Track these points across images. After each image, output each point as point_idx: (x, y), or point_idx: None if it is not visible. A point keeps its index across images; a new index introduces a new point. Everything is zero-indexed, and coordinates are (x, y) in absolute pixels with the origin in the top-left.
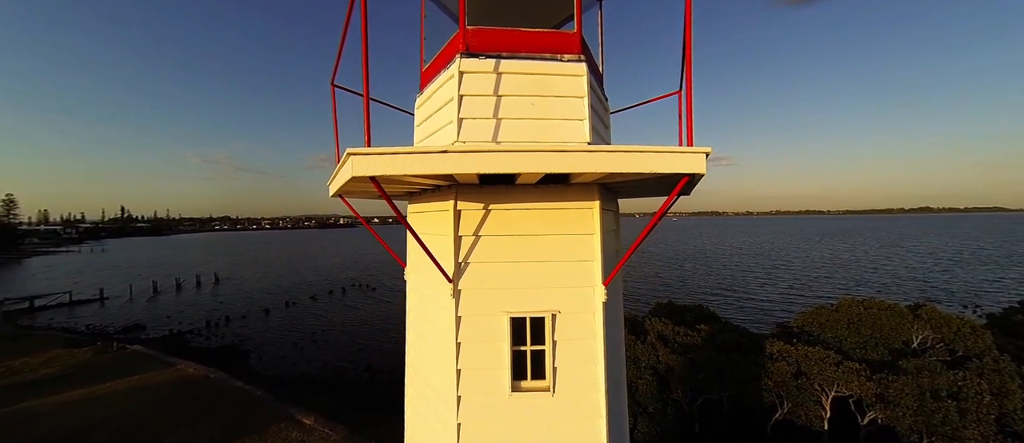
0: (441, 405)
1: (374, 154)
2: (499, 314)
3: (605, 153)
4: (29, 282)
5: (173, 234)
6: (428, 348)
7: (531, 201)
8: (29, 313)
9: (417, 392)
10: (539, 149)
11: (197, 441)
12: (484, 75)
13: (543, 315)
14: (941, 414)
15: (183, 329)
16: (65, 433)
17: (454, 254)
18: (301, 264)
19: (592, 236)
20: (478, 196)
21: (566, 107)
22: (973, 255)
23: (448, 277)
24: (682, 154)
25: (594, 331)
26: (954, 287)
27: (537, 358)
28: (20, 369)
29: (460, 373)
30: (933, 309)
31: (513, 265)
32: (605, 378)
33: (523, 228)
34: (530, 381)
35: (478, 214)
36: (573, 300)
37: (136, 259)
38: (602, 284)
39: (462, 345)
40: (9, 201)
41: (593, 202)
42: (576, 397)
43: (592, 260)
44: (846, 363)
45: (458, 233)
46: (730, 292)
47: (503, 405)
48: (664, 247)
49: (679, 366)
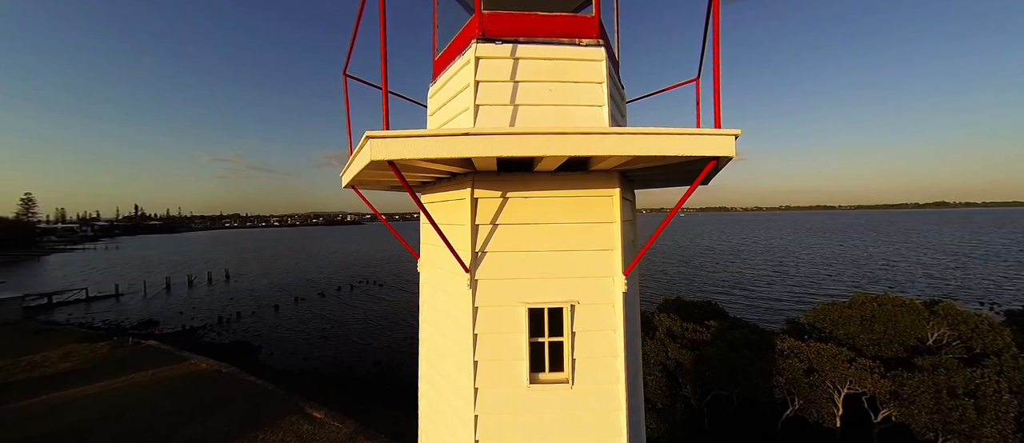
0: (457, 398)
1: (393, 137)
2: (517, 305)
3: (630, 135)
4: (47, 278)
5: (185, 232)
6: (443, 340)
7: (550, 189)
8: (48, 309)
9: (431, 385)
10: (562, 131)
11: (211, 434)
12: (501, 60)
13: (561, 306)
14: (958, 412)
15: (195, 325)
16: (84, 424)
17: (471, 243)
18: (309, 261)
19: (612, 224)
20: (495, 184)
21: (585, 93)
22: (991, 250)
23: (465, 267)
24: (711, 136)
25: (614, 322)
26: (971, 284)
27: (555, 350)
28: (40, 363)
29: (477, 365)
30: (950, 305)
31: (531, 255)
32: (625, 370)
33: (541, 216)
34: (548, 373)
35: (495, 202)
36: (592, 290)
37: (149, 256)
38: (622, 274)
39: (479, 336)
40: (28, 200)
41: (613, 189)
42: (595, 389)
43: (612, 249)
44: (859, 360)
45: (475, 222)
46: (739, 289)
47: (521, 397)
48: (672, 243)
49: (688, 362)
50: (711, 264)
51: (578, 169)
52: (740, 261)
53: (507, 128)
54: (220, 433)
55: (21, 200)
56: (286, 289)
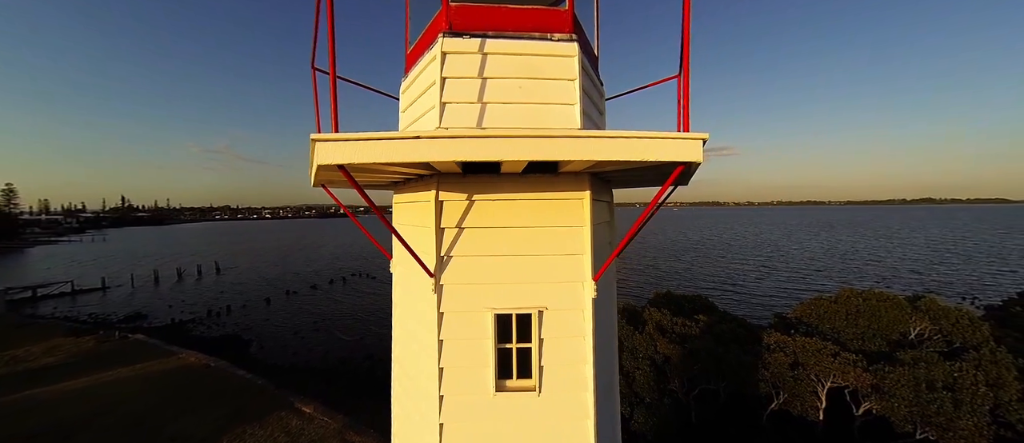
0: (424, 403)
1: (340, 140)
2: (483, 310)
3: (594, 139)
4: (31, 271)
5: (174, 224)
6: (413, 343)
7: (518, 191)
8: (32, 302)
9: (403, 389)
10: (521, 134)
11: (199, 428)
12: (468, 56)
13: (529, 311)
14: (936, 405)
15: (185, 318)
16: (70, 419)
17: (436, 247)
18: (301, 253)
19: (582, 228)
20: (461, 186)
21: (556, 90)
22: (974, 247)
23: (429, 271)
24: (677, 140)
25: (583, 329)
26: (953, 279)
27: (523, 356)
28: (24, 357)
29: (442, 371)
30: (932, 300)
31: (498, 259)
32: (594, 378)
33: (509, 220)
34: (515, 380)
35: (461, 205)
36: (561, 296)
37: (137, 249)
38: (592, 279)
39: (444, 342)
40: (9, 191)
41: (583, 192)
42: (563, 397)
43: (582, 254)
44: (843, 354)
45: (440, 225)
46: (729, 284)
47: (487, 405)
48: (663, 238)
49: (677, 356)
50: (701, 259)
51: (547, 171)
52: (731, 256)
53: (464, 130)
54: (209, 428)
55: (2, 191)
56: (277, 282)
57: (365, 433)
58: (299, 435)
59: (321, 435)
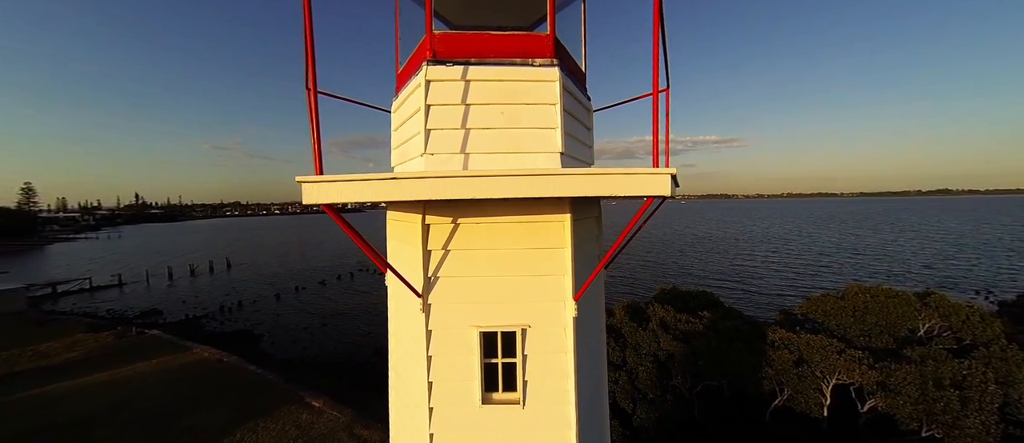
0: (417, 413)
1: (325, 182)
2: (469, 328)
3: (568, 177)
4: (51, 268)
5: (186, 220)
6: (407, 355)
7: (501, 215)
8: (52, 298)
9: (398, 396)
10: (499, 173)
11: (214, 421)
12: (451, 83)
13: (513, 329)
14: (942, 403)
15: (198, 314)
16: (92, 412)
17: (423, 268)
18: (310, 249)
19: (562, 250)
20: (447, 211)
21: (538, 115)
22: (991, 240)
23: (417, 292)
24: (647, 176)
25: (565, 345)
26: (969, 274)
27: (508, 370)
28: (46, 353)
29: (432, 385)
30: (941, 297)
31: (483, 279)
32: (575, 391)
33: (493, 242)
34: (501, 393)
35: (447, 228)
36: (543, 314)
37: (151, 245)
38: (572, 298)
39: (433, 358)
40: (28, 189)
41: (564, 216)
42: (546, 409)
43: (563, 274)
44: (849, 351)
45: (427, 247)
46: (735, 280)
47: (474, 416)
48: (669, 232)
49: (680, 353)
50: (707, 254)
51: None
52: (737, 251)
53: (444, 171)
54: (222, 422)
55: (21, 190)
56: (287, 277)
57: (373, 427)
58: (309, 429)
59: (330, 429)
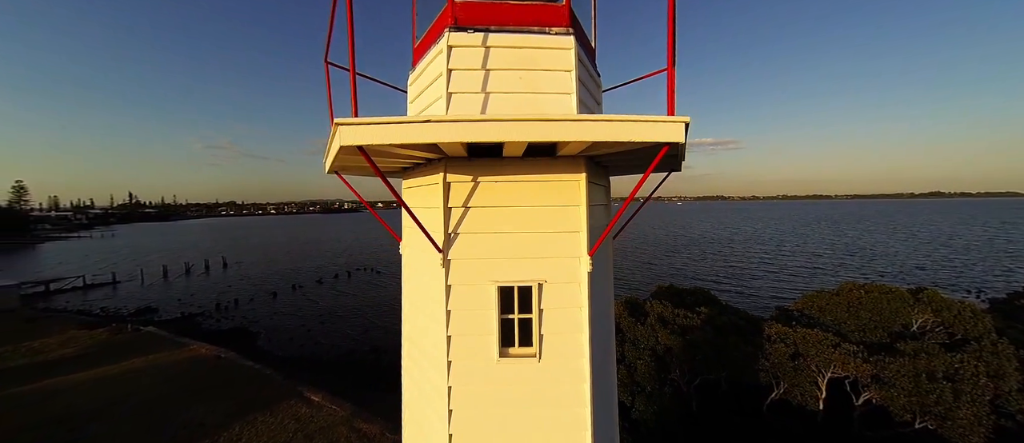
0: (433, 370)
1: (361, 124)
2: (487, 283)
3: (585, 122)
4: (44, 266)
5: (180, 219)
6: (421, 317)
7: (519, 173)
8: (45, 296)
9: (412, 361)
10: (520, 118)
11: (211, 416)
12: (472, 49)
13: (530, 284)
14: (935, 395)
15: (194, 311)
16: (87, 407)
17: (444, 225)
18: (306, 248)
19: (578, 207)
20: (467, 169)
21: (553, 81)
22: (983, 241)
23: (438, 247)
24: (662, 123)
25: (580, 300)
26: (961, 275)
27: (524, 325)
28: (40, 349)
29: (450, 339)
30: (934, 293)
31: (501, 235)
32: (590, 345)
33: (511, 199)
34: (517, 348)
35: (467, 186)
36: (560, 270)
37: (145, 244)
38: (587, 254)
39: (452, 313)
40: (20, 187)
41: (579, 174)
42: (561, 363)
43: (578, 231)
44: (843, 345)
45: (448, 204)
46: (731, 279)
47: (491, 370)
48: (664, 234)
49: (678, 347)
50: (703, 255)
51: (545, 155)
52: (732, 252)
53: (470, 115)
54: (220, 416)
55: (12, 188)
56: (283, 276)
57: (372, 421)
58: (309, 422)
59: (330, 422)
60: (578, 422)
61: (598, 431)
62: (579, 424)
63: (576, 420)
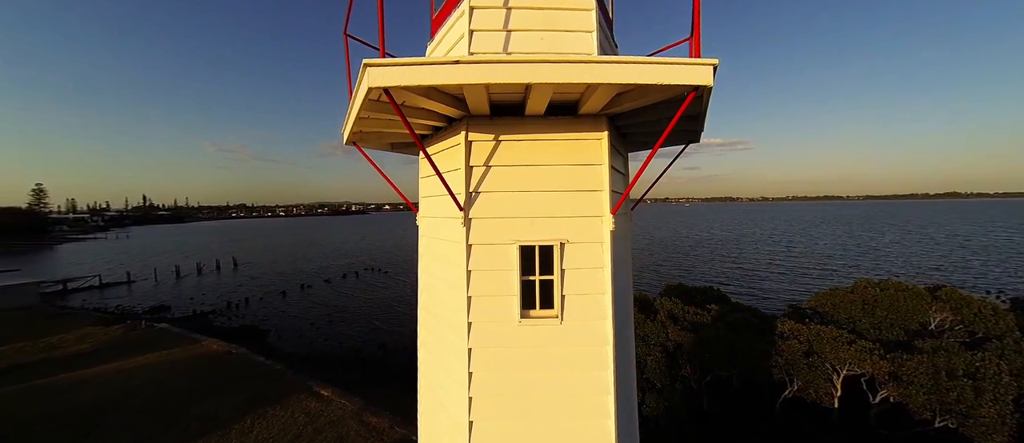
0: (452, 335)
1: (389, 65)
2: (509, 242)
3: (611, 63)
4: (61, 266)
5: (192, 222)
6: (439, 285)
7: (541, 132)
8: (63, 294)
9: (429, 331)
10: (549, 59)
11: (223, 409)
12: (494, 10)
13: (552, 244)
14: (956, 393)
15: (205, 310)
16: (103, 400)
17: (465, 184)
18: (315, 249)
19: (601, 166)
20: (488, 127)
21: (575, 42)
22: (1002, 243)
23: (459, 205)
24: (689, 65)
25: (602, 260)
26: (981, 275)
27: (545, 287)
28: (58, 344)
29: (470, 300)
30: (953, 290)
31: (523, 195)
32: (612, 307)
33: (533, 158)
34: (539, 310)
35: (488, 145)
36: (581, 229)
37: (159, 245)
38: (610, 213)
39: (472, 273)
40: (39, 191)
41: (602, 133)
42: (583, 325)
43: (600, 190)
44: (859, 342)
45: (469, 163)
46: (741, 280)
47: (512, 332)
48: (673, 235)
49: (688, 343)
50: (713, 255)
51: (567, 113)
52: (740, 253)
53: (497, 55)
54: (231, 409)
55: (32, 191)
56: (292, 276)
57: (381, 414)
58: (318, 416)
59: (339, 416)
60: (600, 385)
61: (620, 395)
62: (601, 387)
63: (598, 383)
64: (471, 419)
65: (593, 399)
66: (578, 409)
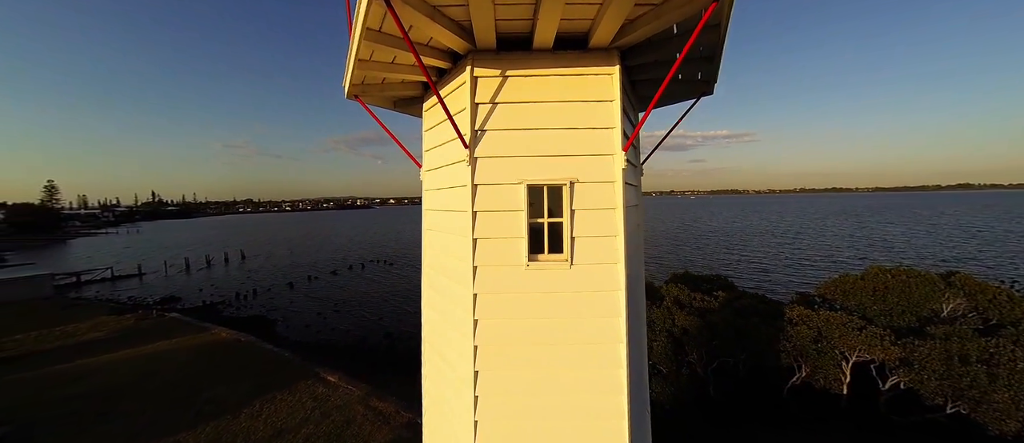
0: (456, 285)
1: None
2: (516, 182)
3: None
4: (74, 260)
5: (200, 216)
6: (444, 235)
7: (549, 67)
8: (76, 286)
9: (433, 288)
10: None
11: (233, 394)
12: None
13: (561, 183)
14: (969, 378)
15: (215, 300)
16: (117, 384)
17: (471, 122)
18: (321, 242)
19: (612, 102)
20: (494, 62)
21: None
22: (1017, 233)
23: (465, 143)
24: None
25: (614, 200)
26: (994, 264)
27: (554, 232)
28: (72, 333)
29: (476, 243)
30: (967, 277)
31: (530, 133)
32: (624, 249)
33: (541, 95)
34: (547, 254)
35: (495, 81)
36: (592, 168)
37: (168, 239)
38: (622, 150)
39: (478, 214)
40: (51, 187)
41: (613, 67)
42: (594, 270)
43: (612, 127)
44: (870, 328)
45: (474, 100)
46: (747, 271)
47: (519, 276)
48: (678, 226)
49: (695, 329)
50: (719, 247)
51: (577, 47)
52: (747, 243)
53: None
54: (241, 394)
55: (45, 187)
56: (299, 268)
57: (387, 399)
58: (325, 401)
59: (346, 401)
60: (612, 333)
61: (632, 344)
62: (613, 335)
63: (610, 331)
64: (477, 369)
65: (604, 348)
66: (589, 358)
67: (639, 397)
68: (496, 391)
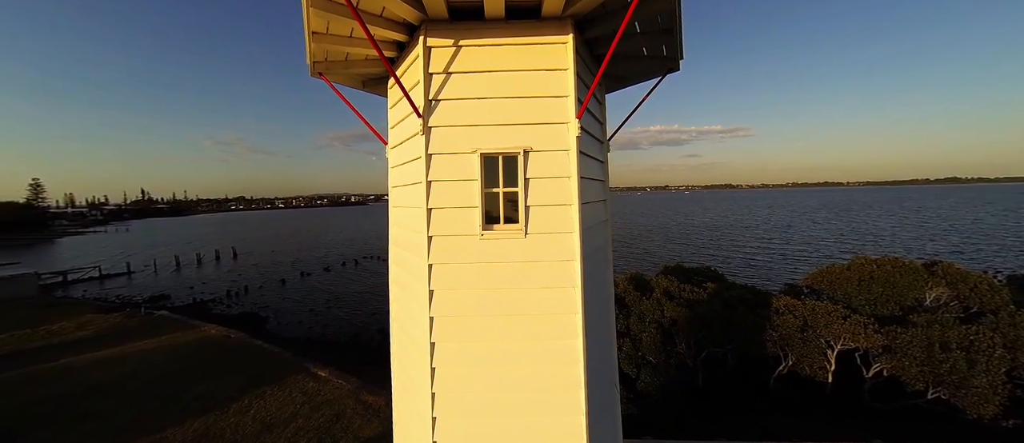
0: (414, 257)
1: None
2: (470, 151)
3: None
4: (61, 259)
5: (192, 214)
6: (405, 210)
7: (503, 36)
8: (63, 285)
9: (396, 260)
10: None
11: (222, 389)
12: None
13: (515, 152)
14: (949, 364)
15: (205, 298)
16: (103, 382)
17: (424, 92)
18: (314, 240)
19: (565, 71)
20: (447, 32)
21: None
22: (1001, 227)
23: (418, 113)
24: None
25: (568, 169)
26: (976, 255)
27: (510, 201)
28: (58, 331)
29: (430, 213)
30: (950, 265)
31: (484, 102)
32: (579, 218)
33: (495, 64)
34: (502, 224)
35: (448, 51)
36: (546, 137)
37: (158, 238)
38: (576, 118)
39: (432, 184)
40: (36, 185)
41: (566, 36)
42: (549, 239)
43: (566, 95)
44: (854, 317)
45: (428, 71)
46: (738, 263)
47: (474, 246)
48: (669, 221)
49: (684, 319)
50: (710, 241)
51: (529, 16)
52: (738, 237)
53: None
54: (230, 389)
55: (30, 186)
56: (292, 265)
57: (378, 394)
58: (316, 395)
59: (336, 395)
60: (567, 304)
61: (589, 315)
62: (568, 306)
63: (565, 301)
64: (433, 340)
65: (560, 319)
66: (544, 329)
67: (600, 370)
68: (453, 362)
